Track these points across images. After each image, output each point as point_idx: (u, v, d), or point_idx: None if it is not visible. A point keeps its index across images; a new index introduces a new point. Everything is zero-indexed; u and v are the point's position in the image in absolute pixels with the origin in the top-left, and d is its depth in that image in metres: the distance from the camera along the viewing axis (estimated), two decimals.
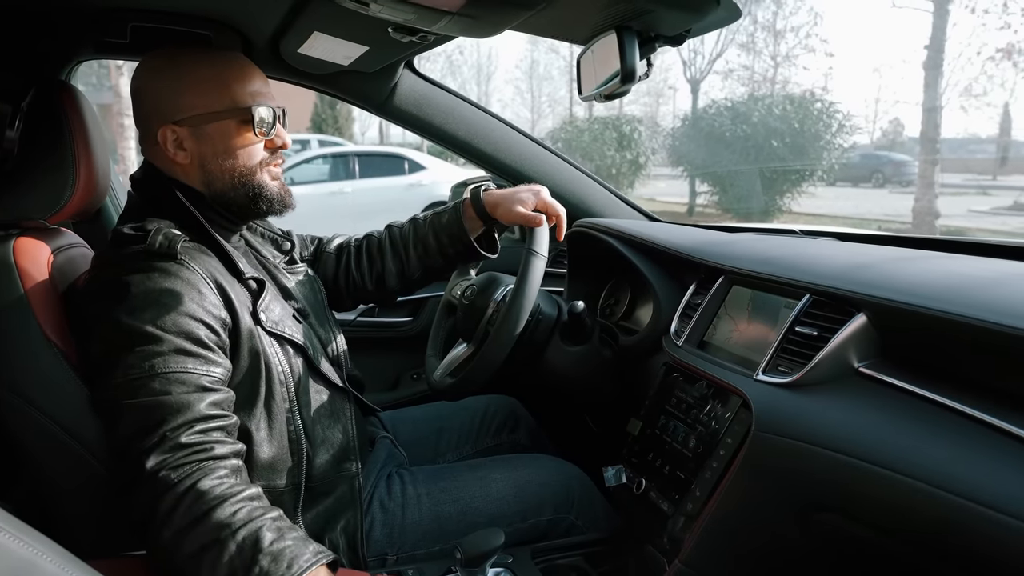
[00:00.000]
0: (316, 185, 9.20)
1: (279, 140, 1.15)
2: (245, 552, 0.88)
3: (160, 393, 0.95)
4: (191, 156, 1.11)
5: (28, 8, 1.27)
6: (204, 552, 0.89)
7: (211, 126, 1.10)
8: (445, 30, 1.06)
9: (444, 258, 1.44)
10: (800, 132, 11.69)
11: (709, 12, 0.96)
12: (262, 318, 1.09)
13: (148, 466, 0.91)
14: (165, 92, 1.10)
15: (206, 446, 0.95)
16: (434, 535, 1.22)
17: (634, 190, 13.39)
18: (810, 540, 0.98)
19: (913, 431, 0.84)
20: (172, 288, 1.00)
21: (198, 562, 0.89)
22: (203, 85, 1.10)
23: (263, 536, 0.90)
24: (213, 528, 0.89)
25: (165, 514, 0.90)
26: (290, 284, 1.27)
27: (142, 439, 0.93)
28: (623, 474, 1.31)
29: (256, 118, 1.10)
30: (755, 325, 1.18)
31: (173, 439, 0.93)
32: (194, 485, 0.91)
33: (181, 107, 1.09)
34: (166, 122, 1.09)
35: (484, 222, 1.41)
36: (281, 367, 1.11)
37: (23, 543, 0.56)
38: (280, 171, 1.18)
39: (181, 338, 0.98)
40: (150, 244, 1.02)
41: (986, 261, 1.07)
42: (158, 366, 0.96)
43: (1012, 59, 12.26)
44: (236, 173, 1.12)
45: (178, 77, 1.10)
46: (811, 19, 20.57)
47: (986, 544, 0.73)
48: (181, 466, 0.92)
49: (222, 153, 1.11)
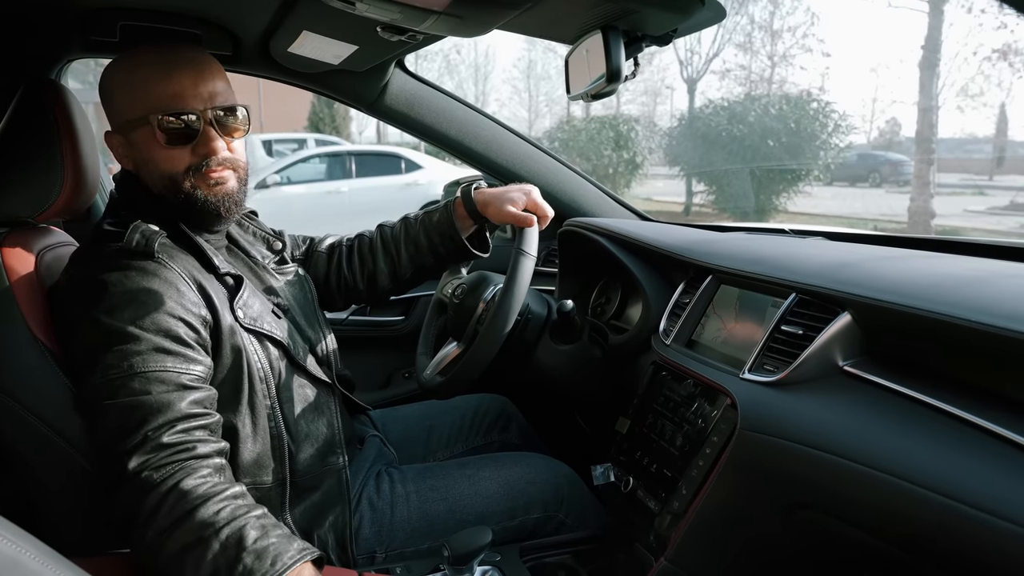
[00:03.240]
0: (312, 184, 9.20)
1: (203, 148, 1.07)
2: (229, 551, 0.88)
3: (140, 393, 0.94)
4: (132, 162, 1.11)
5: (16, 7, 1.27)
6: (187, 552, 0.88)
7: (135, 133, 1.08)
8: (433, 29, 1.06)
9: (435, 257, 1.44)
10: (796, 132, 11.71)
11: (694, 12, 0.97)
12: (239, 314, 1.09)
13: (131, 467, 0.91)
14: (104, 96, 1.10)
15: (188, 445, 0.94)
16: (423, 533, 1.22)
17: (631, 190, 13.40)
18: (795, 538, 0.98)
19: (897, 430, 0.85)
20: (150, 287, 1.00)
21: (181, 562, 0.88)
22: (125, 89, 1.07)
23: (247, 534, 0.90)
24: (196, 527, 0.89)
25: (148, 514, 0.90)
26: (277, 283, 1.27)
27: (124, 439, 0.92)
28: (611, 472, 1.31)
29: (162, 126, 1.04)
30: (742, 324, 1.19)
31: (155, 439, 0.92)
32: (176, 485, 0.90)
33: (112, 112, 1.10)
34: (110, 127, 1.10)
35: (475, 221, 1.41)
36: (260, 363, 1.10)
37: (6, 540, 0.56)
38: (226, 174, 1.10)
39: (160, 336, 0.97)
40: (127, 242, 1.02)
41: (973, 260, 1.08)
42: (137, 365, 0.95)
43: (1008, 59, 12.31)
44: (162, 181, 1.09)
45: (112, 81, 1.10)
46: (808, 19, 20.47)
47: (969, 543, 0.73)
48: (163, 466, 0.92)
49: (148, 161, 1.08)
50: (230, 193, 1.12)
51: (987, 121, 22.31)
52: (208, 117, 1.07)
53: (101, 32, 1.37)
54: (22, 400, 1.01)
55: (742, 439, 1.01)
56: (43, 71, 1.50)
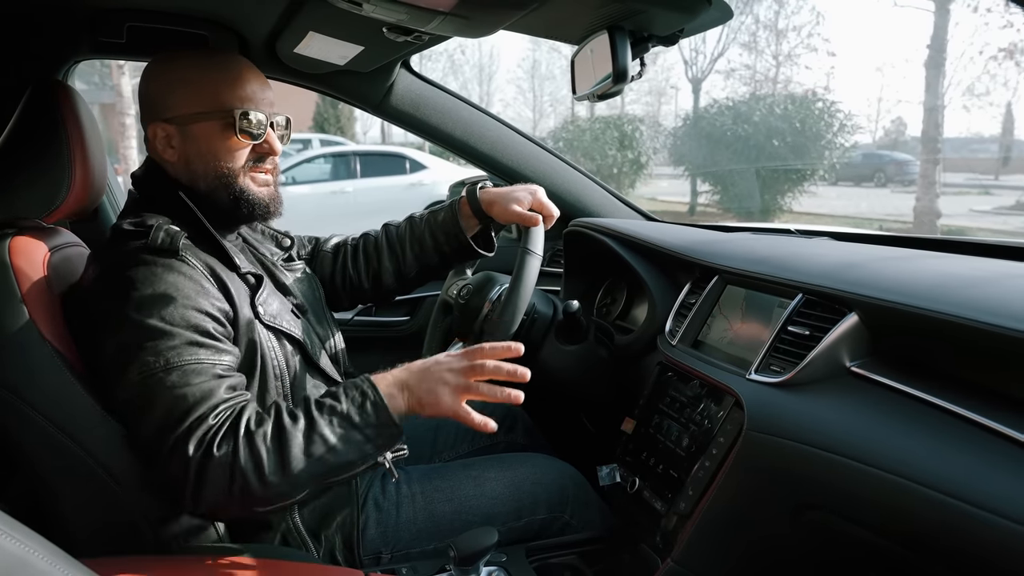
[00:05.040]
0: (317, 184, 9.21)
1: (266, 146, 1.15)
2: (336, 427, 0.99)
3: (181, 385, 0.96)
4: (179, 154, 1.13)
5: (24, 9, 1.28)
6: (317, 462, 0.97)
7: (196, 126, 1.11)
8: (439, 30, 1.06)
9: (440, 256, 1.44)
10: (802, 131, 11.68)
11: (701, 12, 0.96)
12: (260, 311, 1.11)
13: (193, 454, 0.93)
14: (158, 90, 1.12)
15: (235, 411, 0.98)
16: (428, 534, 1.22)
17: (636, 190, 13.39)
18: (802, 539, 0.98)
19: (904, 430, 0.84)
20: (176, 283, 1.02)
21: (320, 468, 0.97)
22: (192, 85, 1.11)
23: (334, 408, 1.00)
24: (295, 441, 0.97)
25: (255, 473, 0.94)
26: (288, 281, 1.28)
27: (172, 431, 0.95)
28: (617, 473, 1.31)
29: (238, 122, 1.11)
30: (748, 324, 1.19)
31: (204, 423, 0.95)
32: (249, 436, 0.96)
33: (169, 105, 1.11)
34: (156, 119, 1.12)
35: (480, 220, 1.41)
36: (277, 361, 1.12)
37: (15, 540, 0.56)
38: (270, 178, 1.18)
39: (191, 331, 1.00)
40: (152, 241, 1.04)
41: (979, 261, 1.07)
42: (173, 360, 0.97)
43: (1015, 58, 12.24)
44: (218, 174, 1.13)
45: (171, 76, 1.12)
46: (813, 18, 20.46)
47: (973, 542, 0.73)
48: (223, 438, 0.95)
49: (206, 154, 1.12)
50: (274, 195, 1.19)
51: (993, 120, 22.22)
52: (272, 121, 1.15)
53: (108, 33, 1.37)
54: (30, 400, 1.01)
55: (748, 440, 1.01)
56: (50, 72, 1.50)
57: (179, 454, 0.94)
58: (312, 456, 0.97)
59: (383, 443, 1.02)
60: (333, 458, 0.98)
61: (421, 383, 1.03)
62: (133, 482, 1.04)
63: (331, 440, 0.98)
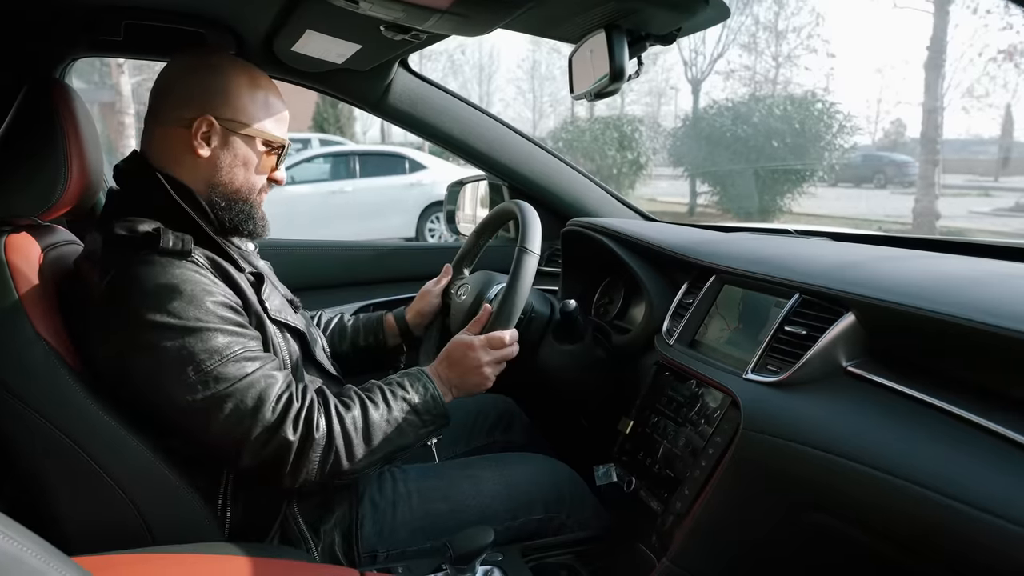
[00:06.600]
0: (317, 184, 9.21)
1: (279, 175, 1.23)
2: (407, 415, 1.14)
3: (241, 376, 1.02)
4: (211, 154, 1.13)
5: (21, 6, 1.27)
6: (389, 442, 1.11)
7: (246, 139, 1.15)
8: (436, 28, 1.06)
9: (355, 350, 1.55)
10: (801, 132, 11.69)
11: (698, 11, 0.97)
12: (267, 306, 1.14)
13: (291, 437, 1.02)
14: (220, 87, 1.13)
15: (316, 397, 1.08)
16: (424, 533, 1.22)
17: (635, 190, 13.40)
18: (798, 539, 0.98)
19: (901, 431, 0.84)
20: (197, 283, 1.03)
21: (391, 448, 1.12)
22: (257, 99, 1.16)
23: (404, 398, 1.15)
24: (380, 427, 1.11)
25: (346, 451, 1.07)
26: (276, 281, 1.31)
27: (255, 420, 1.01)
28: (614, 473, 1.31)
29: (283, 153, 1.20)
30: (746, 324, 1.19)
31: (292, 407, 1.04)
32: (340, 419, 1.08)
33: (231, 106, 1.13)
34: (208, 112, 1.11)
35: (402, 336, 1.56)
36: (284, 354, 1.15)
37: (8, 538, 0.56)
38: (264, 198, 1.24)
39: (226, 323, 1.04)
40: (164, 245, 1.04)
41: (976, 261, 1.07)
42: (223, 352, 1.01)
43: (1014, 60, 12.27)
44: (240, 188, 1.17)
45: (239, 80, 1.15)
46: (813, 19, 20.35)
47: (971, 544, 0.73)
48: (318, 419, 1.05)
49: (239, 165, 1.16)
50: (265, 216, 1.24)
51: (992, 122, 22.23)
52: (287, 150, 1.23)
53: (105, 31, 1.37)
54: (25, 398, 1.01)
55: (745, 440, 1.00)
56: (47, 70, 1.50)
57: (279, 437, 1.02)
58: (388, 438, 1.11)
59: (435, 429, 1.19)
60: (401, 440, 1.13)
61: (464, 383, 1.22)
62: (129, 479, 1.04)
63: (402, 425, 1.13)
